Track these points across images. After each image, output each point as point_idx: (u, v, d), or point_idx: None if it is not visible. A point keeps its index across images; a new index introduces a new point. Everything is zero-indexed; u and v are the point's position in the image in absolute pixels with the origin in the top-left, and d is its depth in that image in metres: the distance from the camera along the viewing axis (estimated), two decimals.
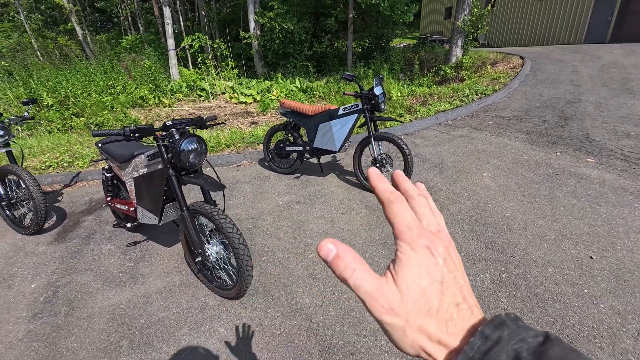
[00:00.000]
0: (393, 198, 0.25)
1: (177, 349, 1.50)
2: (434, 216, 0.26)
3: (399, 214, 0.24)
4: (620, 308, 1.65)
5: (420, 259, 0.22)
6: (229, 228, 1.52)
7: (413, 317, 0.21)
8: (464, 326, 0.22)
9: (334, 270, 0.23)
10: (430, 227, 0.25)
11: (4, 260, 2.25)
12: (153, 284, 1.92)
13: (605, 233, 2.22)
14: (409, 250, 0.22)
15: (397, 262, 0.22)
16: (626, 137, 3.81)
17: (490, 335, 0.20)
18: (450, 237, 0.26)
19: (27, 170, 2.40)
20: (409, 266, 0.22)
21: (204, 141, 1.64)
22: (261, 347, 1.49)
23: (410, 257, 0.22)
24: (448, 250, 0.24)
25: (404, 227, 0.23)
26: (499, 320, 0.21)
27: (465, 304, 0.22)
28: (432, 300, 0.21)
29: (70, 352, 1.52)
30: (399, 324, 0.21)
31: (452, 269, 0.23)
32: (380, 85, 2.73)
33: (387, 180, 0.27)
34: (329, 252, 0.23)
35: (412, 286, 0.21)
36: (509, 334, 0.19)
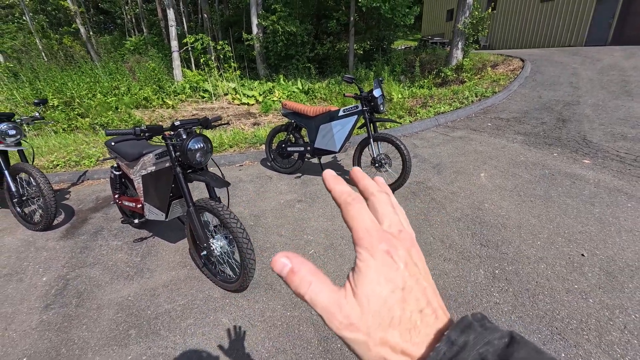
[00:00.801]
0: (350, 200, 0.24)
1: (184, 338, 1.57)
2: (396, 214, 0.25)
3: (357, 217, 0.23)
4: (609, 303, 1.71)
5: (380, 266, 0.21)
6: (233, 223, 1.59)
7: (375, 330, 0.20)
8: (429, 332, 0.21)
9: (289, 286, 0.21)
10: (391, 228, 0.24)
11: (16, 255, 2.34)
12: (159, 278, 2.00)
13: (598, 232, 2.28)
14: (368, 258, 0.21)
15: (356, 272, 0.21)
16: (623, 139, 3.87)
17: (456, 340, 0.19)
18: (413, 235, 0.25)
19: (38, 169, 2.49)
20: (368, 275, 0.21)
21: (210, 141, 1.72)
22: (263, 336, 1.56)
23: (369, 265, 0.21)
24: (409, 252, 0.22)
25: (363, 232, 0.22)
26: (465, 323, 0.20)
27: (429, 309, 0.21)
28: (394, 310, 0.20)
29: (81, 340, 1.60)
30: (361, 339, 0.20)
31: (414, 272, 0.22)
32: (379, 87, 2.81)
33: (344, 182, 0.25)
34: (283, 267, 0.22)
35: (372, 298, 0.20)
36: (475, 337, 0.19)
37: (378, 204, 0.25)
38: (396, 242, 0.22)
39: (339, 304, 0.20)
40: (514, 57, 9.17)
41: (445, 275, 1.96)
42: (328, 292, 0.21)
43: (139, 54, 11.66)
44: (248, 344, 1.53)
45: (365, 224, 0.22)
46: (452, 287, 1.87)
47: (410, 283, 0.21)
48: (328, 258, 2.14)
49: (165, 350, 1.52)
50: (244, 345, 1.52)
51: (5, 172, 2.53)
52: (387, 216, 0.24)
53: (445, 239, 2.30)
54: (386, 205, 0.25)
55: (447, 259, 2.10)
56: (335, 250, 2.22)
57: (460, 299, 1.78)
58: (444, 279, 1.93)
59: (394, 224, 0.24)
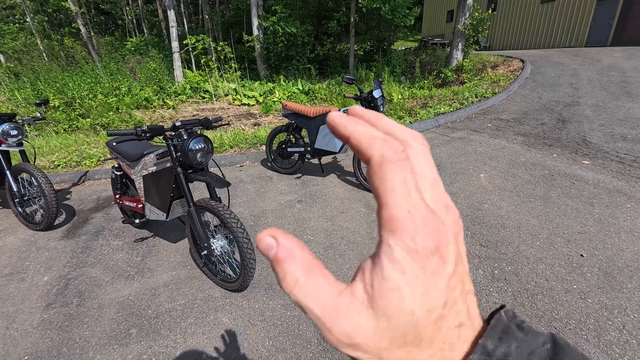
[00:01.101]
0: (391, 153, 0.15)
1: (184, 337, 1.58)
2: (439, 178, 0.17)
3: (399, 187, 0.15)
4: (607, 303, 1.72)
5: (420, 272, 0.14)
6: (233, 223, 1.60)
7: (392, 351, 0.15)
8: (464, 348, 0.16)
9: (275, 275, 0.16)
10: (437, 205, 0.16)
11: (17, 254, 2.35)
12: (160, 277, 2.01)
13: (597, 232, 2.29)
14: (404, 258, 0.14)
15: (379, 274, 0.15)
16: (622, 140, 3.88)
17: (494, 351, 0.15)
18: (457, 211, 0.17)
19: (39, 169, 2.50)
20: (397, 287, 0.14)
21: (211, 141, 1.73)
22: (263, 335, 1.57)
23: (403, 270, 0.14)
24: (459, 243, 0.16)
25: (403, 213, 0.15)
26: (501, 327, 0.16)
27: (469, 320, 0.16)
28: (426, 332, 0.15)
29: (82, 339, 1.61)
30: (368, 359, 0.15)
31: (462, 273, 0.16)
32: (379, 88, 2.82)
33: (363, 123, 0.17)
34: (268, 249, 0.16)
35: (396, 319, 0.14)
36: (518, 346, 0.15)
37: (415, 161, 0.16)
38: (447, 232, 0.15)
39: (338, 317, 0.15)
40: (514, 58, 9.19)
41: None
42: (324, 297, 0.15)
43: (139, 55, 11.70)
44: (248, 343, 1.54)
45: (409, 202, 0.15)
46: None
47: (454, 294, 0.15)
48: (328, 258, 2.14)
49: (165, 350, 1.52)
50: (245, 344, 1.53)
51: (7, 172, 2.54)
52: (428, 182, 0.16)
53: None
54: (428, 166, 0.16)
55: None
56: (335, 250, 2.23)
57: None
58: None
59: (440, 195, 0.16)
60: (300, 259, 0.16)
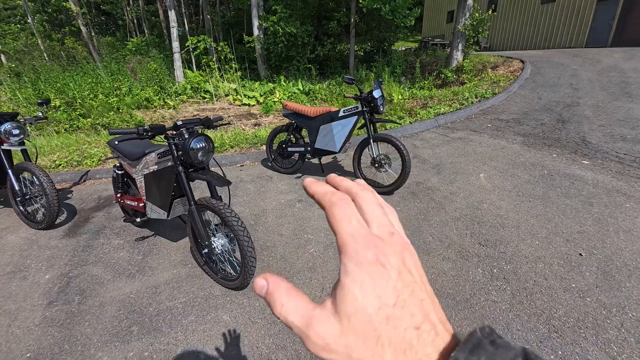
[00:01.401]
0: (335, 199, 0.21)
1: (185, 335, 1.59)
2: (385, 214, 0.22)
3: (343, 219, 0.20)
4: (606, 301, 1.73)
5: (366, 278, 0.18)
6: (234, 221, 1.62)
7: (358, 351, 0.18)
8: (429, 352, 0.18)
9: (268, 305, 0.21)
10: (381, 231, 0.21)
11: (19, 253, 2.36)
12: (161, 276, 2.03)
13: (596, 232, 2.30)
14: (353, 269, 0.19)
15: (340, 287, 0.19)
16: (622, 140, 3.89)
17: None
18: (405, 238, 0.22)
19: (41, 168, 2.52)
20: (351, 290, 0.18)
21: (212, 140, 1.74)
22: (263, 333, 1.58)
23: (354, 278, 0.19)
24: (403, 258, 0.20)
25: (347, 237, 0.20)
26: (474, 342, 0.17)
27: (428, 324, 0.19)
28: (382, 329, 0.18)
29: (84, 337, 1.62)
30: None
31: (408, 281, 0.19)
32: (379, 88, 2.83)
33: (326, 184, 0.24)
34: (261, 289, 0.21)
35: (354, 316, 0.18)
36: (487, 358, 0.16)
37: (364, 204, 0.22)
38: (387, 247, 0.20)
39: (311, 324, 0.19)
40: (514, 59, 9.20)
41: (444, 274, 1.98)
42: (302, 311, 0.19)
43: (140, 55, 11.72)
44: (249, 341, 1.55)
45: (351, 228, 0.20)
46: (451, 285, 1.88)
47: (403, 296, 0.19)
48: (328, 257, 2.16)
49: (167, 347, 1.54)
50: (245, 342, 1.54)
51: (9, 171, 2.55)
52: (375, 217, 0.21)
53: (444, 239, 2.31)
54: (373, 205, 0.22)
55: (445, 258, 2.12)
56: (335, 249, 2.24)
57: (458, 297, 1.79)
58: (443, 277, 1.95)
59: (384, 225, 0.21)
60: (284, 288, 0.21)
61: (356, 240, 0.19)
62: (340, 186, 0.24)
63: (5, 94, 7.25)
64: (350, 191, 0.23)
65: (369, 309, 0.18)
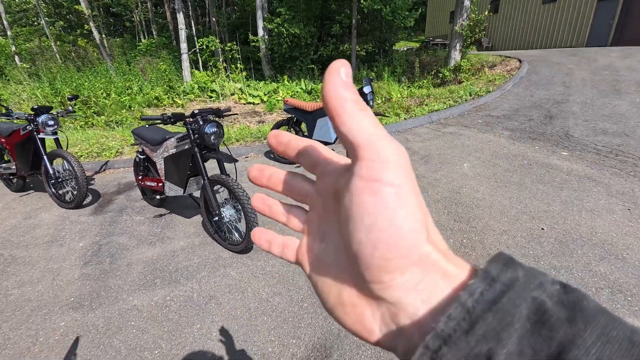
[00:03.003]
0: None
1: (199, 285, 1.93)
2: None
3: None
4: (556, 264, 2.02)
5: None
6: (240, 192, 1.95)
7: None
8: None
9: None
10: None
11: (54, 226, 2.73)
12: (177, 244, 2.37)
13: (560, 211, 2.59)
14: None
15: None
16: (603, 134, 4.14)
17: (498, 277, 0.14)
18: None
19: (72, 154, 2.88)
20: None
21: (222, 126, 2.08)
22: (263, 284, 1.91)
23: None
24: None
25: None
26: (504, 257, 0.15)
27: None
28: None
29: (116, 287, 1.97)
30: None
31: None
32: (369, 85, 3.15)
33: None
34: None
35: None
36: (525, 275, 0.14)
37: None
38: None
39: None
40: (512, 58, 9.42)
41: None
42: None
43: (150, 56, 12.18)
44: (252, 289, 1.88)
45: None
46: None
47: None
48: None
49: (184, 293, 1.87)
50: (249, 290, 1.88)
51: (44, 157, 2.92)
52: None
53: None
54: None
55: None
56: None
57: None
58: None
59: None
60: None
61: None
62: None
63: (25, 93, 7.72)
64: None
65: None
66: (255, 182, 0.25)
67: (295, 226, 0.24)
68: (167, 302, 1.82)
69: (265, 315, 1.68)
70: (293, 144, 0.22)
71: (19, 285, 2.02)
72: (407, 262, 0.16)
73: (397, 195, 0.15)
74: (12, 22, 13.88)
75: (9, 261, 2.28)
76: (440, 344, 0.13)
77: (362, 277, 0.17)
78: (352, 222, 0.16)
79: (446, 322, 0.14)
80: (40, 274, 2.12)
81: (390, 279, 0.16)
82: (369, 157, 0.16)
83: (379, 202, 0.15)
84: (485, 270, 0.14)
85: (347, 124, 0.16)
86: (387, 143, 0.16)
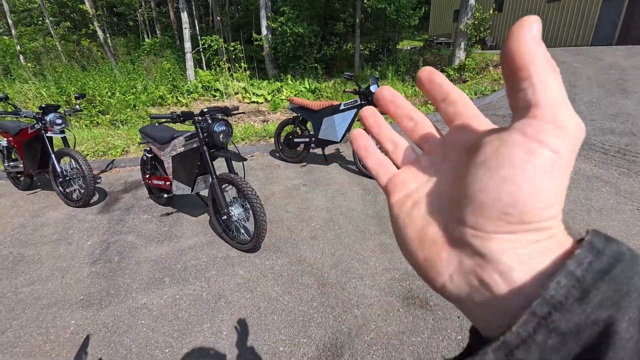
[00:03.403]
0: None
1: (208, 284, 1.93)
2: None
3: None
4: None
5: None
6: (249, 191, 1.95)
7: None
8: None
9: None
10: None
11: (62, 224, 2.74)
12: (185, 242, 2.37)
13: (569, 211, 2.57)
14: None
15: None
16: (610, 133, 4.11)
17: (604, 249, 0.13)
18: None
19: (79, 153, 2.89)
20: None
21: (231, 125, 2.08)
22: (272, 283, 1.91)
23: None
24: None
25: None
26: (603, 233, 0.14)
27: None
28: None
29: (125, 285, 1.97)
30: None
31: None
32: (376, 83, 3.14)
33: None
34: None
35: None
36: (629, 250, 0.13)
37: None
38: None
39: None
40: None
41: None
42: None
43: (154, 55, 12.21)
44: (261, 288, 1.88)
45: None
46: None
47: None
48: (328, 229, 2.47)
49: (193, 292, 1.87)
50: (258, 289, 1.87)
51: (52, 156, 2.93)
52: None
53: None
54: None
55: None
56: (334, 223, 2.56)
57: None
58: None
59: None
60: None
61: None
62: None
63: (30, 92, 7.76)
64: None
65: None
66: (381, 103, 0.23)
67: (397, 158, 0.23)
68: (177, 300, 1.82)
69: (275, 314, 1.68)
70: (446, 86, 0.20)
71: (29, 283, 2.03)
72: (523, 227, 0.15)
73: (552, 163, 0.14)
74: (17, 22, 13.94)
75: (18, 259, 2.29)
76: (549, 310, 0.13)
77: (461, 218, 0.16)
78: (485, 168, 0.15)
79: (556, 289, 0.13)
80: (49, 272, 2.13)
81: (493, 229, 0.15)
82: (544, 118, 0.14)
83: (530, 162, 0.14)
84: (590, 242, 0.14)
85: (532, 79, 0.15)
86: (570, 112, 0.14)
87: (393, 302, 1.72)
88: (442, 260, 0.17)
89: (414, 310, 1.67)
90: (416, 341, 1.50)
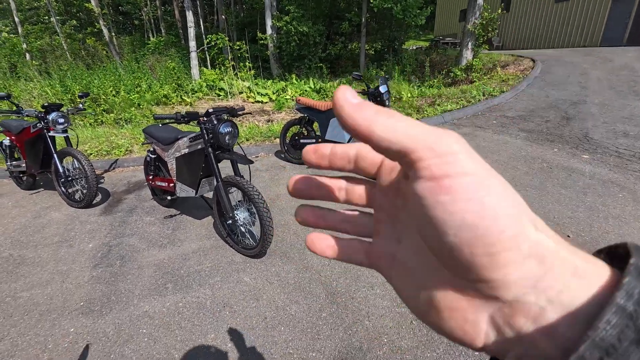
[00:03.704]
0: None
1: (212, 291, 1.86)
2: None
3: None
4: None
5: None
6: (255, 195, 1.87)
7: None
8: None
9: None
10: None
11: (64, 226, 2.69)
12: (189, 246, 2.31)
13: (586, 217, 2.47)
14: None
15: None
16: (624, 137, 3.99)
17: None
18: None
19: (82, 153, 2.83)
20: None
21: (237, 126, 2.01)
22: (279, 291, 1.84)
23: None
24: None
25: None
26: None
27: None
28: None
29: (127, 291, 1.91)
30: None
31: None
32: (385, 84, 3.06)
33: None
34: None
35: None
36: None
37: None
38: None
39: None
40: (525, 57, 9.23)
41: None
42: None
43: (158, 54, 12.19)
44: (267, 296, 1.80)
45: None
46: None
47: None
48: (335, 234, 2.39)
49: (197, 300, 1.81)
50: (264, 297, 1.80)
51: (54, 155, 2.88)
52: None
53: None
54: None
55: None
56: None
57: None
58: None
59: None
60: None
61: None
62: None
63: (35, 90, 7.75)
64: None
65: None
66: (295, 194, 0.22)
67: (360, 232, 0.22)
68: (180, 308, 1.75)
69: (282, 325, 1.61)
70: (340, 152, 0.18)
71: (28, 287, 1.97)
72: (519, 254, 0.13)
73: (476, 183, 0.13)
74: (24, 20, 13.99)
75: (19, 262, 2.24)
76: (601, 355, 0.11)
77: (465, 278, 0.14)
78: (433, 227, 0.14)
79: (606, 329, 0.11)
80: (50, 276, 2.07)
81: (503, 274, 0.13)
82: (425, 156, 0.14)
83: (459, 198, 0.13)
84: (637, 265, 0.12)
85: (383, 135, 0.14)
86: (437, 136, 0.14)
87: (405, 314, 1.64)
88: (470, 323, 0.15)
89: None
90: (431, 357, 1.42)
